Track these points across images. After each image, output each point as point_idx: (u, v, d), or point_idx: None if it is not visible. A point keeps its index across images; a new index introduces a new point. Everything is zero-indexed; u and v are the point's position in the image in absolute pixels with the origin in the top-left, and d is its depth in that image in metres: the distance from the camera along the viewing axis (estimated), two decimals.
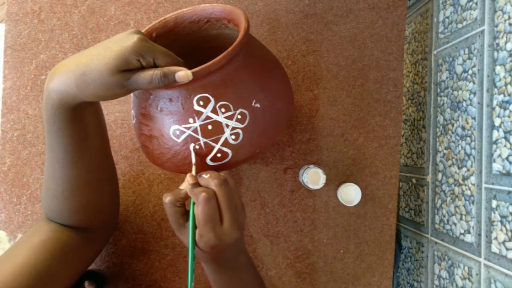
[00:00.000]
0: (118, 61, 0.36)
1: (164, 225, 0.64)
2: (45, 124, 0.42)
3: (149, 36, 0.50)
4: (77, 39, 0.65)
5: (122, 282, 0.64)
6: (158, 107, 0.43)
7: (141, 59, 0.37)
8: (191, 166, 0.44)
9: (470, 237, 0.59)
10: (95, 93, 0.38)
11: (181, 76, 0.38)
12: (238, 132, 0.44)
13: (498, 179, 0.53)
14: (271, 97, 0.46)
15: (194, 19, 0.51)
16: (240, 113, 0.43)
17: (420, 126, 0.78)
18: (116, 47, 0.37)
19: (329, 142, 0.66)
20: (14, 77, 0.64)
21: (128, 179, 0.64)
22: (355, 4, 0.66)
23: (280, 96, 0.49)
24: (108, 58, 0.36)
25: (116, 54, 0.36)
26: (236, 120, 0.43)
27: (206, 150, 0.44)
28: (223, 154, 0.44)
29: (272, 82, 0.48)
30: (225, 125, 0.43)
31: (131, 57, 0.37)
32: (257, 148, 0.47)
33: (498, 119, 0.53)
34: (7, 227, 0.63)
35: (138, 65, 0.38)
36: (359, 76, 0.66)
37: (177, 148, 0.44)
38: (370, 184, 0.66)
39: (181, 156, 0.45)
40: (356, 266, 0.66)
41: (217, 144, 0.44)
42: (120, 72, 0.37)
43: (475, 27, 0.59)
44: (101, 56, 0.37)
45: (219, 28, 0.52)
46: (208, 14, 0.51)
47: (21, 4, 0.64)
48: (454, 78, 0.65)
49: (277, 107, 0.48)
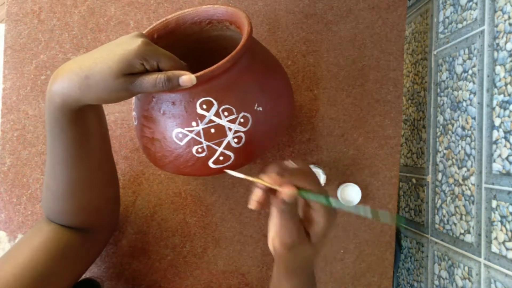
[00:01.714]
0: (122, 64, 0.36)
1: (164, 225, 0.64)
2: (47, 126, 0.42)
3: (150, 37, 0.50)
4: (77, 39, 0.65)
5: (122, 282, 0.64)
6: (161, 110, 0.44)
7: (145, 63, 0.37)
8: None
9: (470, 237, 0.59)
10: (98, 96, 0.38)
11: (185, 80, 0.38)
12: (240, 135, 0.44)
13: (498, 179, 0.53)
14: (273, 100, 0.47)
15: (196, 20, 0.51)
16: (242, 117, 0.43)
17: (420, 126, 0.78)
18: (120, 50, 0.37)
19: (329, 142, 0.66)
20: (14, 77, 0.64)
21: (128, 179, 0.64)
22: (355, 4, 0.66)
23: (281, 98, 0.49)
24: (112, 62, 0.36)
25: (120, 57, 0.36)
26: (238, 123, 0.43)
27: (209, 153, 0.44)
28: (225, 157, 0.45)
29: (274, 84, 0.48)
30: (228, 128, 0.43)
31: (135, 61, 0.37)
32: (258, 151, 0.47)
33: (498, 119, 0.53)
34: (7, 227, 0.63)
35: (142, 68, 0.38)
36: (359, 76, 0.66)
37: (179, 151, 0.44)
38: (370, 184, 0.66)
39: (183, 158, 0.45)
40: (356, 266, 0.66)
41: (219, 148, 0.44)
42: (124, 76, 0.37)
43: (475, 27, 0.59)
44: (105, 60, 0.36)
45: (220, 30, 0.52)
46: (210, 16, 0.51)
47: (21, 4, 0.64)
48: (454, 78, 0.65)
49: (279, 110, 0.48)
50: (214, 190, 0.64)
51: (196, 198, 0.64)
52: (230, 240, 0.65)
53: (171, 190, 0.64)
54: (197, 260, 0.64)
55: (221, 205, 0.65)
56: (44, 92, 0.64)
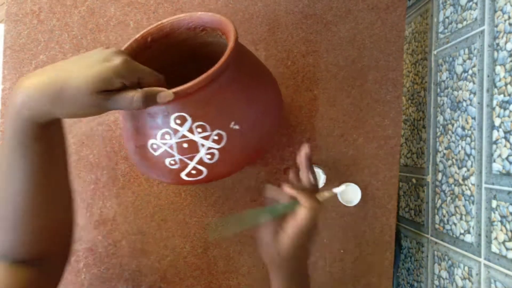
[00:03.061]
0: (99, 81, 0.35)
1: (163, 226, 0.64)
2: (6, 143, 0.38)
3: (144, 40, 0.50)
4: (76, 40, 0.65)
5: (122, 283, 0.64)
6: (138, 120, 0.44)
7: (124, 80, 0.37)
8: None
9: (470, 237, 0.59)
10: (71, 111, 0.36)
11: (162, 96, 0.38)
12: (213, 152, 0.44)
13: (498, 179, 0.53)
14: (254, 117, 0.46)
15: (191, 26, 0.51)
16: (217, 134, 0.43)
17: (420, 126, 0.78)
18: (99, 67, 0.36)
19: (328, 142, 0.65)
20: (13, 78, 0.64)
21: (128, 180, 0.64)
22: (354, 4, 0.66)
23: (266, 114, 0.48)
24: (89, 77, 0.35)
25: (98, 74, 0.35)
26: (212, 140, 0.43)
27: (181, 166, 0.45)
28: (197, 171, 0.45)
29: (259, 99, 0.47)
30: (201, 144, 0.43)
31: (113, 80, 0.36)
32: (235, 168, 0.47)
33: (498, 119, 0.53)
34: None
35: (120, 86, 0.37)
36: (359, 76, 0.66)
37: (154, 160, 0.45)
38: (370, 184, 0.66)
39: (158, 168, 0.46)
40: (356, 266, 0.66)
41: (191, 162, 0.44)
42: (100, 93, 0.36)
43: (475, 27, 0.59)
44: (82, 74, 0.35)
45: (215, 37, 0.52)
46: (204, 23, 0.50)
47: (20, 5, 0.64)
48: (454, 78, 0.65)
49: (260, 127, 0.47)
50: (214, 190, 0.64)
51: (196, 199, 0.64)
52: (230, 240, 0.65)
53: (171, 191, 0.64)
54: (197, 261, 0.64)
55: (221, 206, 0.65)
56: None
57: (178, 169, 0.45)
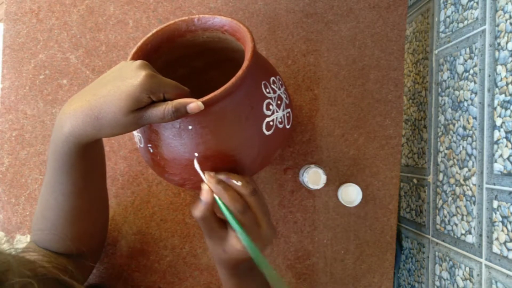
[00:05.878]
0: (130, 102, 0.37)
1: (163, 226, 0.64)
2: (52, 162, 0.42)
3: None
4: (76, 39, 0.64)
5: (121, 283, 0.63)
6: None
7: (152, 96, 0.38)
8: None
9: (471, 238, 0.59)
10: (110, 132, 0.39)
11: (192, 107, 0.38)
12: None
13: (499, 179, 0.52)
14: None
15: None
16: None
17: (421, 126, 0.78)
18: (125, 87, 0.37)
19: (329, 142, 0.65)
20: (12, 77, 0.64)
21: (127, 180, 0.64)
22: (356, 3, 0.65)
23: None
24: (119, 100, 0.37)
25: (127, 95, 0.37)
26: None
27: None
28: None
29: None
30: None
31: (141, 96, 0.37)
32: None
33: (500, 119, 0.53)
34: (5, 228, 0.63)
35: (148, 101, 0.38)
36: (360, 75, 0.65)
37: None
38: (371, 184, 0.65)
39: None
40: (357, 267, 0.65)
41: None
42: (133, 112, 0.38)
43: (476, 26, 0.59)
44: (112, 98, 0.37)
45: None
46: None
47: (19, 4, 0.64)
48: (455, 77, 0.65)
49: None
50: None
51: (195, 199, 0.64)
52: None
53: (171, 191, 0.64)
54: (197, 261, 0.64)
55: None
56: (43, 92, 0.64)
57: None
